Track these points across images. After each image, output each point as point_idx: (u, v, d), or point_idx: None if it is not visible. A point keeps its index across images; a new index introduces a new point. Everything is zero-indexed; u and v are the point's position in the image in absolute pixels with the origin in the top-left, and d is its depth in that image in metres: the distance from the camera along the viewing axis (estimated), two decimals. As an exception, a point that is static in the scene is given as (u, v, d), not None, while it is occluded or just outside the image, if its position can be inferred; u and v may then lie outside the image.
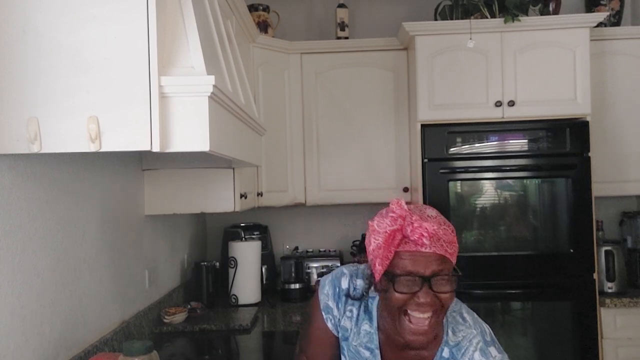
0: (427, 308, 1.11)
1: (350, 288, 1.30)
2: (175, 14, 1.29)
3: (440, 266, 1.11)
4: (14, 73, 1.16)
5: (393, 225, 1.12)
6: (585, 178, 2.69)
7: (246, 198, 2.40)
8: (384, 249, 1.11)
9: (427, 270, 1.10)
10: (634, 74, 2.91)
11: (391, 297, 1.13)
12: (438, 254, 1.11)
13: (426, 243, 1.09)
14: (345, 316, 1.30)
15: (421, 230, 1.10)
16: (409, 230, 1.10)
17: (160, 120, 1.19)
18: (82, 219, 1.69)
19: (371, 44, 3.04)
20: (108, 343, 1.77)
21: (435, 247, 1.10)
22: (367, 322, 1.28)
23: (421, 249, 1.10)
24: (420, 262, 1.10)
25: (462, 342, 1.18)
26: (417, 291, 1.10)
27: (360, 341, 1.28)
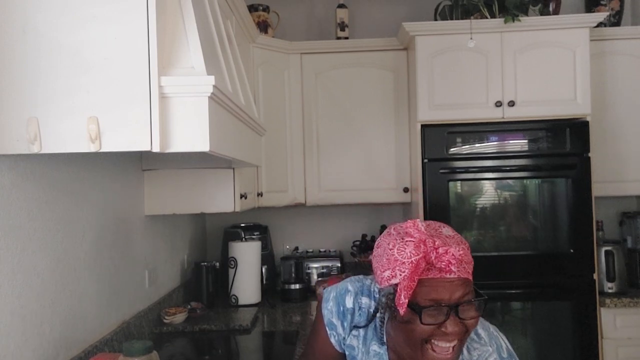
0: (454, 337, 1.05)
1: (355, 308, 1.24)
2: (175, 14, 1.29)
3: (465, 290, 1.05)
4: (14, 73, 1.16)
5: (417, 253, 1.03)
6: (585, 178, 2.69)
7: (246, 198, 2.40)
8: (409, 280, 1.03)
9: (452, 298, 1.04)
10: (634, 74, 2.91)
11: (415, 329, 1.06)
12: (462, 277, 1.05)
13: (454, 270, 1.03)
14: (352, 335, 1.25)
15: (448, 257, 1.03)
16: (434, 257, 1.04)
17: (160, 121, 1.19)
18: (82, 219, 1.68)
19: (371, 44, 3.04)
20: (108, 343, 1.77)
21: (460, 272, 1.05)
22: (376, 343, 1.22)
23: (446, 275, 1.04)
24: (446, 289, 1.04)
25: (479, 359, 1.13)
26: (444, 321, 1.03)
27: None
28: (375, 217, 3.34)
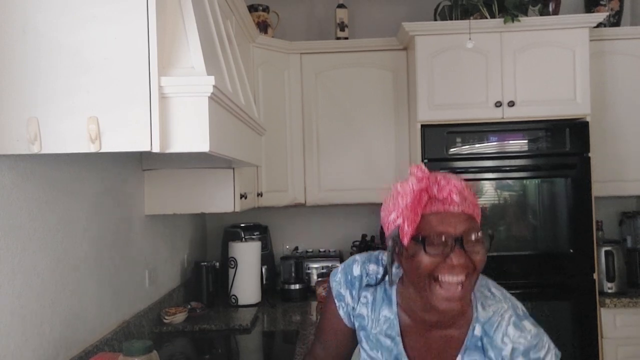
0: (460, 270, 1.03)
1: (363, 274, 1.24)
2: (175, 14, 1.29)
3: (470, 225, 1.05)
4: (14, 73, 1.16)
5: (419, 184, 1.05)
6: (585, 178, 2.69)
7: (246, 198, 2.41)
8: (412, 210, 1.04)
9: (457, 230, 1.04)
10: (634, 74, 2.92)
11: (421, 262, 1.05)
12: (467, 213, 1.06)
13: (456, 201, 1.05)
14: (360, 303, 1.24)
15: (450, 188, 1.05)
16: (436, 190, 1.05)
17: (160, 121, 1.19)
18: (82, 219, 1.69)
19: (371, 44, 3.04)
20: (108, 343, 1.77)
21: (464, 206, 1.06)
22: (387, 307, 1.21)
23: (450, 209, 1.05)
24: (450, 222, 1.04)
25: (494, 317, 1.11)
26: (449, 253, 1.03)
27: (380, 328, 1.21)
28: (375, 217, 3.32)
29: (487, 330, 1.10)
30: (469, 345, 1.10)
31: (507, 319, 1.10)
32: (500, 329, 1.10)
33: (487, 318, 1.11)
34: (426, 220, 1.05)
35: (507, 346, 1.08)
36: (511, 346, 1.08)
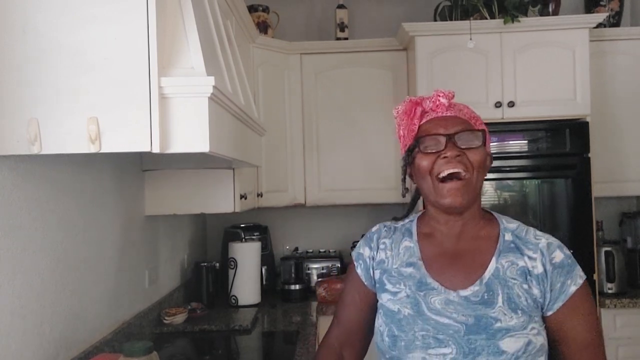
0: (455, 164, 1.10)
1: (381, 228, 1.29)
2: (175, 14, 1.29)
3: (462, 126, 1.13)
4: (14, 74, 1.16)
5: (412, 100, 1.19)
6: (585, 178, 2.69)
7: (246, 199, 2.41)
8: (407, 122, 1.18)
9: (449, 130, 1.12)
10: (634, 74, 2.92)
11: (420, 163, 1.14)
12: (461, 118, 1.15)
13: (443, 103, 1.15)
14: (379, 249, 1.26)
15: (437, 93, 1.16)
16: (428, 103, 1.17)
17: (160, 121, 1.19)
18: (82, 220, 1.69)
19: (370, 44, 3.04)
20: (108, 343, 1.77)
21: (455, 111, 1.16)
22: (407, 239, 1.24)
23: (441, 113, 1.16)
24: (442, 124, 1.14)
25: (521, 226, 1.19)
26: (443, 149, 1.11)
27: (401, 261, 1.21)
28: (375, 217, 3.34)
29: (518, 235, 1.16)
30: (502, 249, 1.14)
31: (532, 228, 1.19)
32: (530, 232, 1.17)
33: (515, 227, 1.18)
34: (423, 128, 1.16)
35: (541, 240, 1.14)
36: (546, 240, 1.14)
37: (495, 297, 1.09)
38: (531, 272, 1.10)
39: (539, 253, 1.12)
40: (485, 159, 1.14)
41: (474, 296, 1.10)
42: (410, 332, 1.12)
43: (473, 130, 1.14)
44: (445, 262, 1.16)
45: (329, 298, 2.79)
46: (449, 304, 1.11)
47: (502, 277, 1.11)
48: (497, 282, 1.10)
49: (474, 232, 1.17)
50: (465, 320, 1.08)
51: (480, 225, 1.18)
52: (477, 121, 1.18)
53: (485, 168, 1.15)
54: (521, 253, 1.13)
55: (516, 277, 1.10)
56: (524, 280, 1.10)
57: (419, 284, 1.15)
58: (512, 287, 1.09)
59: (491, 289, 1.10)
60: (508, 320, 1.06)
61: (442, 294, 1.12)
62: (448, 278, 1.14)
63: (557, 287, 1.09)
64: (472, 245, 1.16)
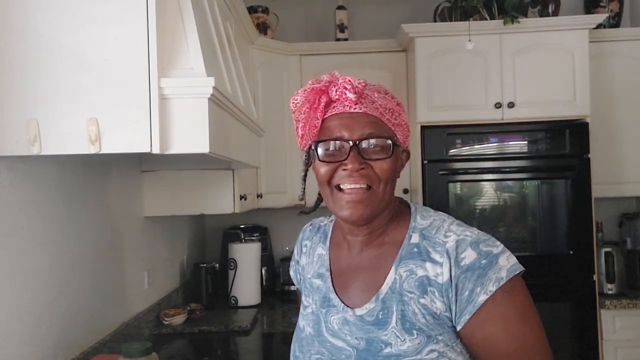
0: (358, 178, 0.93)
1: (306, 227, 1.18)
2: (175, 15, 1.29)
3: (372, 130, 0.94)
4: (14, 74, 1.16)
5: (316, 84, 0.97)
6: (585, 179, 2.69)
7: (246, 199, 2.40)
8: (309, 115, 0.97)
9: (354, 134, 0.93)
10: (633, 75, 2.92)
11: (318, 170, 0.97)
12: (372, 115, 0.95)
13: (350, 98, 0.94)
14: (302, 253, 1.15)
15: (344, 83, 0.94)
16: (334, 91, 0.95)
17: (160, 122, 1.19)
18: (81, 221, 1.68)
19: (370, 45, 3.04)
20: (107, 345, 1.77)
21: (366, 107, 0.95)
22: (321, 245, 1.10)
23: (348, 109, 0.95)
24: (347, 124, 0.94)
25: (434, 222, 0.97)
26: (344, 159, 0.93)
27: (314, 270, 1.09)
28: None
29: (426, 235, 0.95)
30: (404, 255, 0.95)
31: (450, 222, 0.96)
32: (442, 229, 0.95)
33: (426, 224, 0.97)
34: (325, 125, 0.97)
35: (450, 238, 0.92)
36: (455, 238, 0.91)
37: (390, 316, 0.92)
38: (432, 281, 0.90)
39: (446, 256, 0.90)
40: (395, 167, 0.97)
41: (369, 315, 0.94)
42: (307, 354, 1.02)
43: (381, 136, 0.94)
44: (350, 275, 1.01)
45: (328, 299, 2.78)
46: (345, 324, 0.97)
47: (398, 291, 0.92)
48: (394, 298, 0.92)
49: (380, 238, 1.00)
50: (357, 344, 0.94)
51: (389, 229, 1.00)
52: (393, 114, 0.98)
53: (396, 175, 0.99)
54: (423, 258, 0.92)
55: (413, 289, 0.91)
56: (422, 294, 0.90)
57: (323, 299, 1.03)
58: (408, 302, 0.91)
59: (387, 305, 0.93)
60: (400, 344, 0.89)
61: (340, 312, 0.98)
62: (349, 293, 0.99)
63: (465, 297, 0.88)
64: (375, 253, 0.99)
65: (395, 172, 0.97)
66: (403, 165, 1.02)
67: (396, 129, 0.98)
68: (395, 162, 0.97)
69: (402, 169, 1.02)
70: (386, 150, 0.94)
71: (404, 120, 1.01)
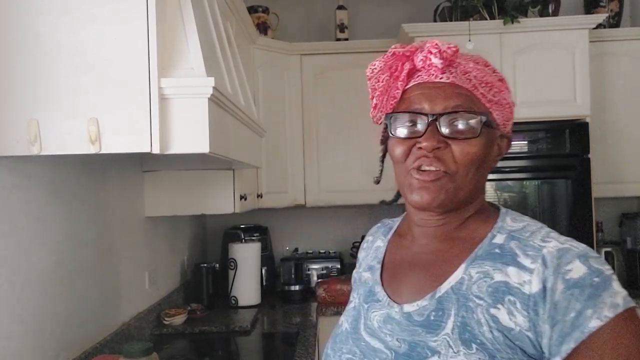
0: (431, 160, 0.79)
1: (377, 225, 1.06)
2: (175, 15, 1.29)
3: (458, 102, 0.80)
4: (15, 74, 1.16)
5: (400, 48, 0.84)
6: (585, 179, 2.69)
7: (246, 199, 2.41)
8: (388, 84, 0.86)
9: (436, 107, 0.80)
10: (634, 75, 2.92)
11: (391, 149, 0.85)
12: (461, 87, 0.81)
13: (435, 63, 0.80)
14: (362, 249, 1.03)
15: (430, 47, 0.81)
16: (419, 57, 0.82)
17: (160, 122, 1.19)
18: (82, 221, 1.68)
19: (370, 45, 3.04)
20: (108, 345, 1.77)
21: (455, 77, 0.81)
22: (382, 238, 0.99)
23: (433, 78, 0.82)
24: (430, 96, 0.81)
25: (528, 227, 0.80)
26: (421, 135, 0.80)
27: (367, 264, 0.97)
28: (375, 218, 3.30)
29: (517, 236, 0.79)
30: (480, 254, 0.80)
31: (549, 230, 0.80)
32: (538, 233, 0.78)
33: (518, 227, 0.81)
34: (405, 96, 0.84)
35: (549, 244, 0.75)
36: (557, 245, 0.74)
37: (445, 320, 0.76)
38: (515, 290, 0.74)
39: (540, 262, 0.73)
40: (483, 152, 0.81)
41: (419, 314, 0.79)
42: (339, 352, 0.88)
43: (470, 111, 0.79)
44: (404, 268, 0.88)
45: (329, 299, 2.79)
46: (388, 322, 0.83)
47: (463, 293, 0.77)
48: (455, 300, 0.77)
49: (453, 233, 0.85)
50: (397, 347, 0.79)
51: (468, 224, 0.85)
52: (490, 89, 0.83)
53: (486, 162, 0.83)
54: (505, 262, 0.77)
55: (484, 295, 0.75)
56: (494, 302, 0.74)
57: (368, 293, 0.90)
58: (473, 309, 0.75)
59: (443, 307, 0.78)
60: (451, 355, 0.73)
61: (384, 307, 0.85)
62: (401, 288, 0.86)
63: (570, 319, 0.70)
64: (443, 247, 0.85)
65: (482, 158, 0.81)
66: (500, 154, 0.87)
67: (493, 107, 0.83)
68: (485, 147, 0.81)
69: (499, 158, 0.87)
70: (473, 129, 0.79)
71: (506, 99, 0.84)
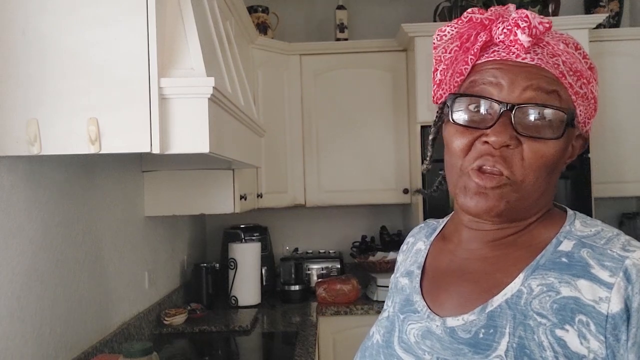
0: (496, 160, 0.65)
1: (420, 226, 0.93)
2: (175, 15, 1.29)
3: (541, 87, 0.65)
4: (14, 74, 1.16)
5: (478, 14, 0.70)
6: (585, 179, 2.69)
7: (246, 199, 2.41)
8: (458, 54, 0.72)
9: (513, 93, 0.65)
10: (633, 75, 2.92)
11: (448, 138, 0.72)
12: (547, 72, 0.66)
13: (522, 40, 0.65)
14: (402, 252, 0.91)
15: (518, 19, 0.65)
16: (500, 29, 0.67)
17: (160, 122, 1.19)
18: (81, 221, 1.68)
19: (370, 45, 3.04)
20: (108, 344, 1.77)
21: (541, 59, 0.66)
22: (423, 240, 0.86)
23: (514, 57, 0.67)
24: (508, 78, 0.66)
25: (602, 232, 0.67)
26: (490, 126, 0.66)
27: (404, 268, 0.85)
28: (374, 218, 3.34)
29: (588, 244, 0.66)
30: (543, 263, 0.67)
31: (629, 237, 0.67)
32: (617, 241, 0.65)
33: (590, 233, 0.68)
34: (475, 75, 0.70)
35: (634, 254, 0.62)
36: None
37: (498, 339, 0.64)
38: (588, 308, 0.61)
39: (622, 276, 0.61)
40: (559, 155, 0.67)
41: (465, 330, 0.67)
42: None
43: (553, 106, 0.65)
44: (449, 276, 0.75)
45: (329, 299, 2.79)
46: (427, 337, 0.71)
47: (521, 309, 0.64)
48: (510, 316, 0.65)
49: (510, 238, 0.72)
50: None
51: (527, 229, 0.72)
52: (579, 80, 0.68)
53: (559, 166, 0.70)
54: (575, 273, 0.64)
55: (547, 313, 0.63)
56: (562, 322, 0.62)
57: (405, 302, 0.78)
58: (534, 329, 0.63)
59: (495, 324, 0.65)
60: None
61: (423, 320, 0.73)
62: (443, 298, 0.73)
63: None
64: (497, 253, 0.72)
65: (557, 161, 0.68)
66: (572, 157, 0.74)
67: (578, 100, 0.69)
68: (563, 149, 0.68)
69: (569, 161, 0.74)
70: (555, 127, 0.65)
71: (593, 92, 0.71)
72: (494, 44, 0.69)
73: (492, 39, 0.69)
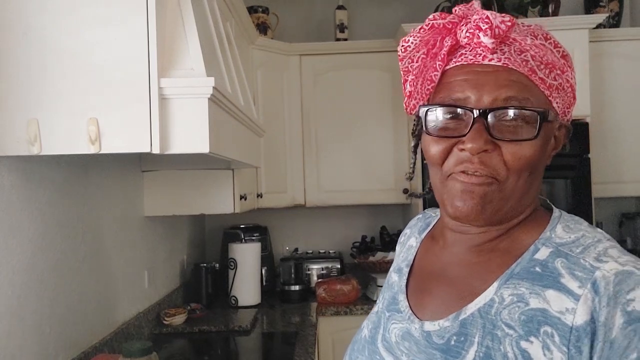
0: (477, 165, 0.65)
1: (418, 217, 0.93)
2: (175, 15, 1.30)
3: (512, 93, 0.65)
4: (15, 75, 1.17)
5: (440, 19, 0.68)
6: (585, 179, 2.69)
7: (246, 199, 2.41)
8: (425, 62, 0.71)
9: (483, 98, 0.65)
10: (633, 75, 2.92)
11: (426, 148, 0.71)
12: (516, 71, 0.65)
13: (485, 42, 0.64)
14: (400, 243, 0.92)
15: (479, 21, 0.64)
16: (464, 31, 0.66)
17: (160, 122, 1.19)
18: (81, 220, 1.69)
19: (370, 45, 3.04)
20: (107, 344, 1.77)
21: (508, 58, 0.65)
22: (416, 235, 0.87)
23: (480, 59, 0.66)
24: (476, 83, 0.66)
25: (582, 239, 0.67)
26: (464, 134, 0.66)
27: (397, 264, 0.87)
28: (374, 218, 3.34)
29: (563, 252, 0.66)
30: (517, 272, 0.67)
31: (610, 244, 0.65)
32: (593, 249, 0.64)
33: (569, 240, 0.67)
34: (445, 80, 0.69)
35: (606, 264, 0.61)
36: (616, 267, 0.61)
37: (467, 348, 0.65)
38: (553, 320, 0.61)
39: (590, 288, 0.60)
40: (539, 153, 0.67)
41: (439, 336, 0.68)
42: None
43: (524, 106, 0.65)
44: (433, 278, 0.77)
45: (328, 299, 2.79)
46: (406, 339, 0.72)
47: (491, 319, 0.65)
48: (481, 325, 0.65)
49: (492, 243, 0.72)
50: None
51: (509, 233, 0.72)
52: (551, 71, 0.68)
53: (541, 163, 0.70)
54: (546, 284, 0.64)
55: (514, 324, 0.63)
56: (527, 334, 0.62)
57: (392, 300, 0.80)
58: (501, 339, 0.63)
59: (466, 332, 0.66)
60: None
61: (405, 321, 0.74)
62: (425, 301, 0.75)
63: None
64: (477, 259, 0.72)
65: (538, 159, 0.68)
66: (557, 148, 0.74)
67: (553, 93, 0.68)
68: (542, 146, 0.68)
69: (555, 152, 0.74)
70: (529, 128, 0.65)
71: (569, 80, 0.70)
72: (460, 46, 0.69)
73: (458, 41, 0.68)
